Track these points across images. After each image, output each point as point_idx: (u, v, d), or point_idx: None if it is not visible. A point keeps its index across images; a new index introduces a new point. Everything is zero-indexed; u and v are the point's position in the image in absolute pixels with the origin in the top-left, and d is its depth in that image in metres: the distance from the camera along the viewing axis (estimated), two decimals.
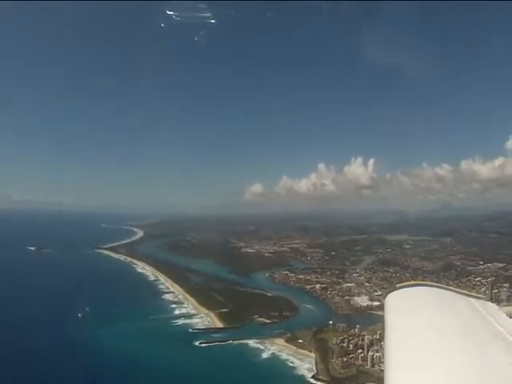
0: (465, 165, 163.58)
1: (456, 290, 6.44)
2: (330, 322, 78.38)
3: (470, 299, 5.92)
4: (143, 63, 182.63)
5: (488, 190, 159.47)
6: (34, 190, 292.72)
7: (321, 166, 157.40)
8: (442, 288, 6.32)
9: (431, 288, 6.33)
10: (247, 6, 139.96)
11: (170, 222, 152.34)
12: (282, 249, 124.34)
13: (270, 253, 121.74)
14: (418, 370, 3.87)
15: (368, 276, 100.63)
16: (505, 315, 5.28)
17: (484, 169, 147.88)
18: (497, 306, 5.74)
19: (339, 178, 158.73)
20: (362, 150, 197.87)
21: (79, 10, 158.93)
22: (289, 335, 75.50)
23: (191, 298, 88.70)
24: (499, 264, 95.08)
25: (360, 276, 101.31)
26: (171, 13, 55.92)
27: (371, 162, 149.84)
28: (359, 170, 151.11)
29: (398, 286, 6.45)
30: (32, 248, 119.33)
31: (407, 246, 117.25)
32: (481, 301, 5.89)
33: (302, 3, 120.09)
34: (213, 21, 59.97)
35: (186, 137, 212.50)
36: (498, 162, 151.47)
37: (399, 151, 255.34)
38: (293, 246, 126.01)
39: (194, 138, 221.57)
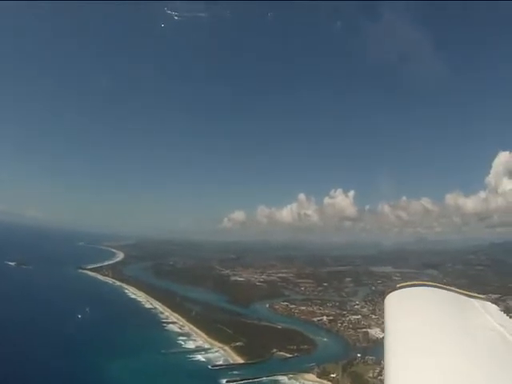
0: (448, 199, 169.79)
1: (456, 289, 5.92)
2: (359, 355, 73.76)
3: (470, 299, 5.52)
4: (142, 62, 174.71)
5: (466, 224, 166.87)
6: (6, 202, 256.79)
7: (301, 196, 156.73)
8: (442, 288, 5.78)
9: (431, 288, 5.79)
10: (247, 6, 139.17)
11: (147, 245, 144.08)
12: (272, 278, 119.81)
13: (261, 282, 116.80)
14: (418, 370, 3.67)
15: (370, 308, 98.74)
16: (505, 315, 4.93)
17: (466, 203, 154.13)
18: (497, 306, 5.32)
19: (320, 209, 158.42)
20: (342, 182, 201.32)
21: (79, 10, 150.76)
22: (318, 370, 69.44)
23: (198, 330, 78.98)
24: (494, 295, 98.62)
25: (362, 308, 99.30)
26: (171, 13, 53.80)
27: (351, 194, 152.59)
28: (340, 201, 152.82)
29: (398, 285, 5.95)
30: (12, 263, 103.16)
31: (396, 278, 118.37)
32: (481, 301, 5.46)
33: (302, 3, 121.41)
34: (213, 21, 58.72)
35: (165, 154, 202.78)
36: (481, 195, 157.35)
37: (379, 184, 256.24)
38: (280, 275, 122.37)
39: (174, 155, 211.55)
